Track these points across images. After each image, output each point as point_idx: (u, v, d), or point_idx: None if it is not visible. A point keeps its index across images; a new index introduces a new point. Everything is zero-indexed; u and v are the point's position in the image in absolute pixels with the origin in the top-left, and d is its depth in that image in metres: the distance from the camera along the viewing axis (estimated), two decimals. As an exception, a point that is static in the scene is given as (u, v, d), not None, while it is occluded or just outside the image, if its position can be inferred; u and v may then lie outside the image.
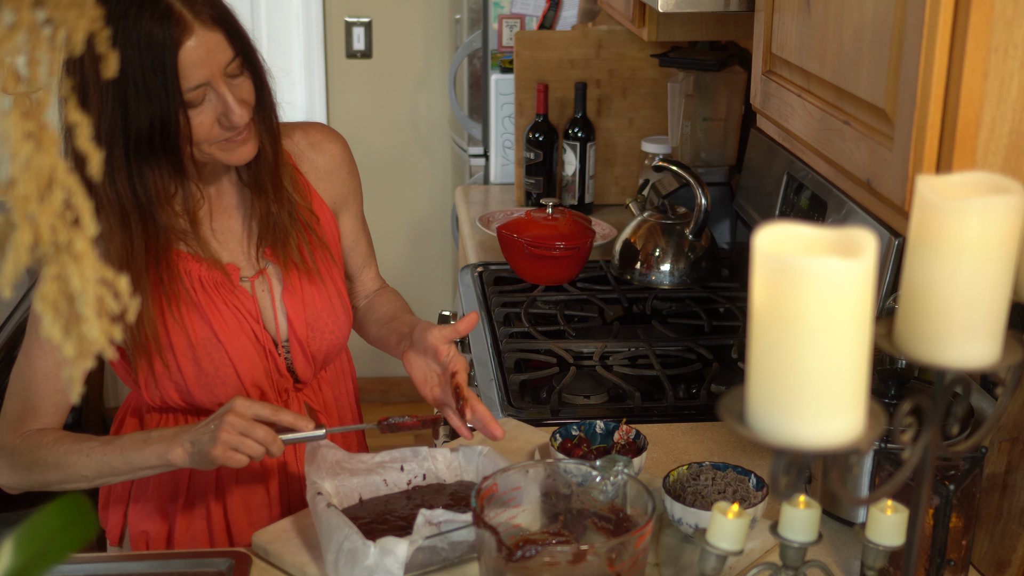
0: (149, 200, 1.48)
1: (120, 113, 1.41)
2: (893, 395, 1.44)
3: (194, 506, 1.64)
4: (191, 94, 1.42)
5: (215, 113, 1.45)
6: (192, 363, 1.56)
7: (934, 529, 1.32)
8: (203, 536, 1.65)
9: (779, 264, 0.80)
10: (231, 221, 1.62)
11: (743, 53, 2.62)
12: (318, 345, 1.65)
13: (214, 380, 1.57)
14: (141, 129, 1.41)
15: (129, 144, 1.43)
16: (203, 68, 1.41)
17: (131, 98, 1.40)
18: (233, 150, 1.49)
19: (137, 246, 1.49)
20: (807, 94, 1.42)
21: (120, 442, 1.49)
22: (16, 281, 0.65)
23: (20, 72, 0.65)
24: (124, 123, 1.41)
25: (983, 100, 1.05)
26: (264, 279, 1.63)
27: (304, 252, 1.63)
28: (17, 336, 2.62)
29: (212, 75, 1.43)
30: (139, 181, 1.46)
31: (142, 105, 1.40)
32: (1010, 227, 0.87)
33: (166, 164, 1.47)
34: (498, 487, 1.30)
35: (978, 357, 0.90)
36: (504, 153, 3.23)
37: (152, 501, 1.65)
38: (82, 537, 0.68)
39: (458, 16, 3.79)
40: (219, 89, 1.44)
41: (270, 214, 1.60)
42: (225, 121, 1.45)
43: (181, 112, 1.42)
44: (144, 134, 1.42)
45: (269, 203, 1.59)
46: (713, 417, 1.82)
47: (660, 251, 2.27)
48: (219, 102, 1.44)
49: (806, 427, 0.83)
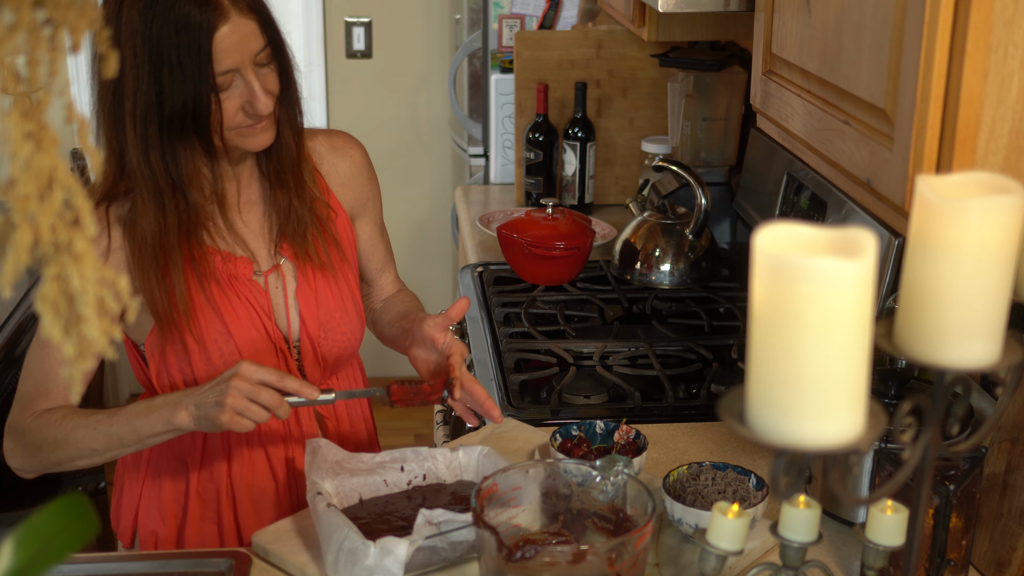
0: (180, 178, 1.50)
1: (155, 91, 1.44)
2: (893, 395, 1.43)
3: (205, 507, 1.64)
4: (220, 79, 1.45)
5: (241, 100, 1.48)
6: (203, 359, 1.56)
7: (934, 529, 1.32)
8: (213, 538, 1.65)
9: (779, 264, 0.80)
10: (250, 216, 1.63)
11: (743, 53, 2.62)
12: (329, 347, 1.66)
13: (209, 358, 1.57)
14: (174, 108, 1.45)
15: (163, 122, 1.46)
16: (235, 54, 1.45)
17: (166, 77, 1.43)
18: (252, 137, 1.52)
19: (170, 222, 1.51)
20: (807, 94, 1.42)
21: (125, 412, 1.48)
22: (16, 281, 0.65)
23: (20, 72, 0.64)
24: (159, 100, 1.45)
25: (983, 100, 1.05)
26: (278, 275, 1.63)
27: (320, 248, 1.65)
28: (17, 336, 2.62)
29: (242, 62, 1.46)
30: (171, 159, 1.49)
31: (176, 85, 1.43)
32: (1010, 227, 0.87)
33: (197, 145, 1.49)
34: (498, 487, 1.30)
35: (978, 357, 0.90)
36: (504, 153, 3.23)
37: (163, 503, 1.65)
38: (82, 537, 0.68)
39: (458, 16, 3.79)
40: (247, 76, 1.47)
41: (291, 207, 1.62)
42: (249, 109, 1.48)
43: (213, 95, 1.45)
44: (177, 113, 1.45)
45: (291, 196, 1.62)
46: (713, 417, 1.82)
47: (660, 251, 2.27)
48: (246, 89, 1.48)
49: (806, 427, 0.83)
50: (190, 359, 1.56)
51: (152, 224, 1.51)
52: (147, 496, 1.65)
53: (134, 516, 1.67)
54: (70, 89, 0.66)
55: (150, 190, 1.50)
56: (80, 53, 0.67)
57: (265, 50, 1.49)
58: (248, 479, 1.63)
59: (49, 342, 1.51)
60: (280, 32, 1.53)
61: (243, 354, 1.58)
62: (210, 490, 1.63)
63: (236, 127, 1.50)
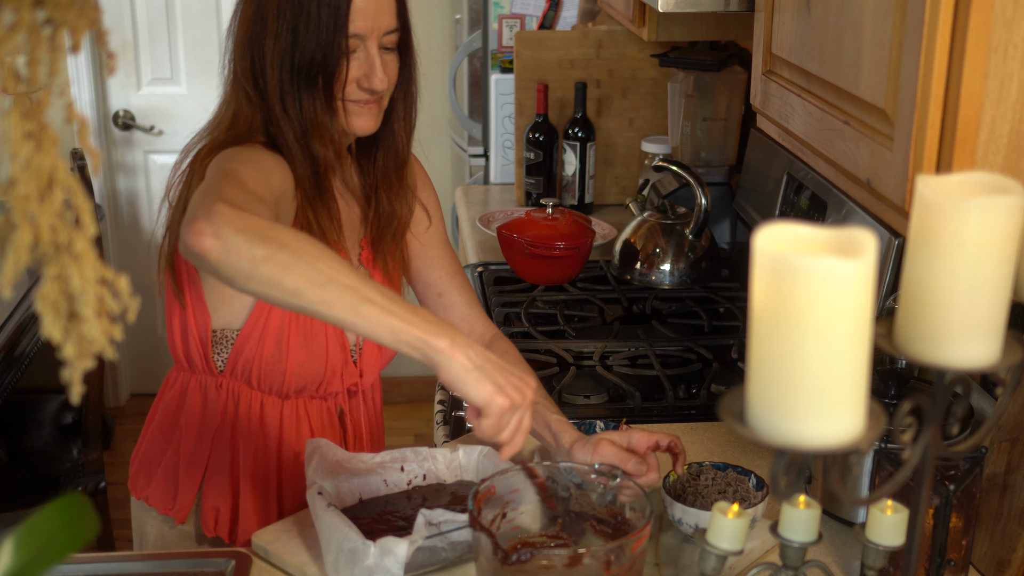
0: (306, 126, 1.52)
1: (290, 40, 1.48)
2: (893, 395, 1.43)
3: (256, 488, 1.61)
4: (349, 40, 1.49)
5: (359, 71, 1.52)
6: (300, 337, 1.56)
7: (934, 529, 1.32)
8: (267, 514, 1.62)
9: (779, 264, 0.80)
10: (341, 205, 1.63)
11: (743, 53, 2.62)
12: (389, 353, 1.67)
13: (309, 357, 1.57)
14: (304, 58, 1.49)
15: (293, 70, 1.50)
16: (367, 20, 1.50)
17: (301, 27, 1.48)
18: (357, 115, 1.55)
19: (304, 171, 1.53)
20: (807, 94, 1.42)
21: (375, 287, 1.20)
22: (16, 281, 0.65)
23: (20, 72, 0.65)
24: (292, 49, 1.49)
25: (983, 100, 1.05)
26: None
27: (393, 256, 1.67)
28: (17, 336, 2.62)
29: (371, 31, 1.51)
30: (301, 108, 1.51)
31: (311, 35, 1.48)
32: (1010, 227, 0.87)
33: (322, 98, 1.52)
34: (496, 489, 1.30)
35: (978, 357, 0.90)
36: (504, 153, 3.23)
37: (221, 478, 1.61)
38: (82, 537, 0.68)
39: (458, 16, 3.79)
40: (370, 49, 1.52)
41: (387, 207, 1.64)
42: (365, 81, 1.52)
43: (343, 54, 1.49)
44: (306, 64, 1.49)
45: (391, 197, 1.64)
46: (713, 417, 1.82)
47: (660, 251, 2.27)
48: (366, 61, 1.52)
49: (806, 427, 0.83)
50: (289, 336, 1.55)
51: (301, 168, 1.52)
52: (211, 472, 1.61)
53: (196, 488, 1.62)
54: (70, 89, 0.66)
55: (289, 136, 1.52)
56: (80, 53, 0.67)
57: (395, 33, 1.54)
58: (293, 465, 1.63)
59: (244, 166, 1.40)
60: (411, 27, 1.59)
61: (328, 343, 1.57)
62: (260, 481, 1.62)
63: (347, 99, 1.53)
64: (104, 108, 4.00)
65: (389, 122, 1.62)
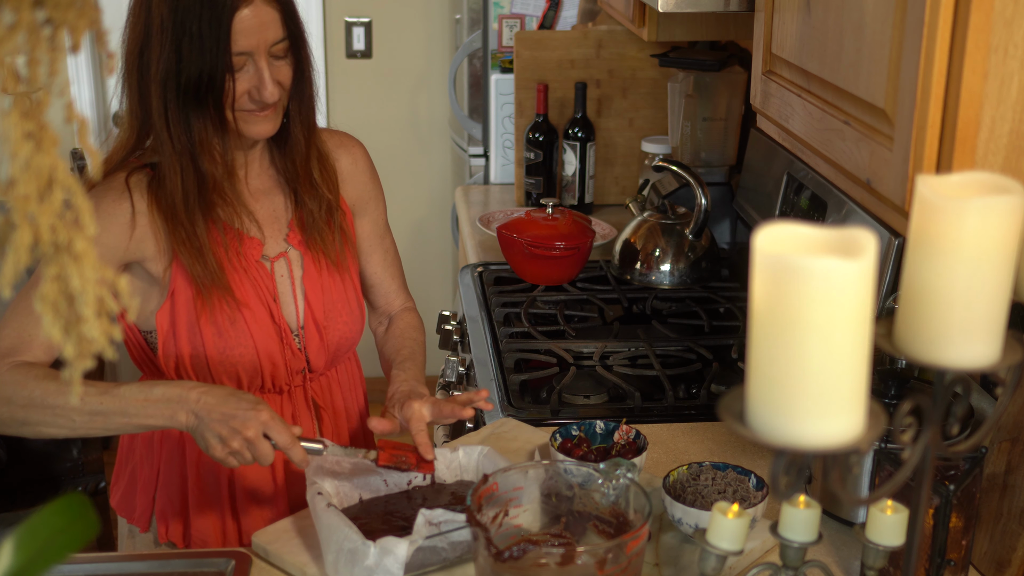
0: (193, 144, 1.53)
1: (175, 59, 1.48)
2: (893, 395, 1.43)
3: (205, 502, 1.64)
4: (234, 59, 1.49)
5: (249, 84, 1.52)
6: (213, 332, 1.57)
7: (934, 529, 1.32)
8: (215, 534, 1.65)
9: (779, 264, 0.80)
10: (260, 203, 1.65)
11: (743, 53, 2.62)
12: (332, 335, 1.68)
13: (233, 349, 1.58)
14: (190, 78, 1.49)
15: (180, 89, 1.50)
16: (251, 38, 1.49)
17: (186, 46, 1.48)
18: (254, 124, 1.55)
19: (189, 187, 1.54)
20: (807, 94, 1.42)
21: (120, 393, 1.44)
22: (16, 281, 0.65)
23: (20, 72, 0.64)
24: (177, 68, 1.49)
25: (983, 100, 1.05)
26: (285, 262, 1.65)
27: (328, 242, 1.67)
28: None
29: (257, 47, 1.50)
30: (187, 126, 1.52)
31: (194, 55, 1.48)
32: (1010, 227, 0.87)
33: (211, 117, 1.52)
34: (498, 486, 1.30)
35: (978, 357, 0.90)
36: (504, 153, 3.23)
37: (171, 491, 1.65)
38: (82, 537, 0.68)
39: (458, 16, 3.79)
40: (259, 63, 1.51)
41: (302, 200, 1.65)
42: (255, 94, 1.52)
43: (228, 73, 1.49)
44: (192, 83, 1.49)
45: (301, 191, 1.65)
46: (713, 417, 1.82)
47: (660, 251, 2.27)
48: (255, 75, 1.52)
49: (806, 427, 0.83)
50: (202, 334, 1.57)
51: (177, 188, 1.53)
52: (163, 481, 1.65)
53: (151, 500, 1.66)
54: (70, 89, 0.66)
55: (170, 155, 1.52)
56: (80, 53, 0.67)
57: (283, 43, 1.53)
58: (247, 477, 1.63)
59: None
60: (302, 29, 1.58)
61: (251, 327, 1.58)
62: (211, 485, 1.63)
63: (241, 109, 1.53)
64: (104, 108, 4.00)
65: (286, 125, 1.62)
